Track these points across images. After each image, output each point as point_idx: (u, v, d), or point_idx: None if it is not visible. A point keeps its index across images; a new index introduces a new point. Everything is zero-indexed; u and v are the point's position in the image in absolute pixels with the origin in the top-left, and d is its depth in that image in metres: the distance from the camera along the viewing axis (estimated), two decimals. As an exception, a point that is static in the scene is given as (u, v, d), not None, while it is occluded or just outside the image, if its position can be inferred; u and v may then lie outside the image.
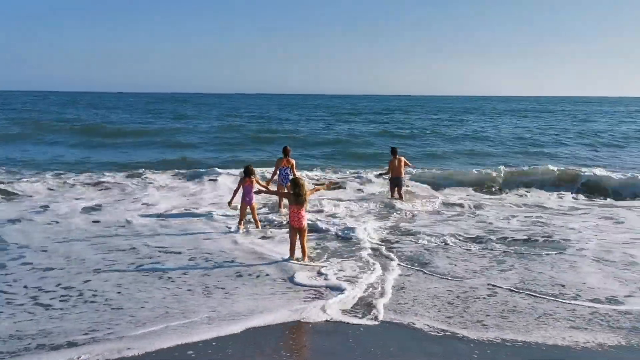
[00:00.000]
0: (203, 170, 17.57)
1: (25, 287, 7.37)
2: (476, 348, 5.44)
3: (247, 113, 62.99)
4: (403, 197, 13.77)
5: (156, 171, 17.64)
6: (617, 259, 8.69)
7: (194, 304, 6.59)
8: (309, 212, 11.06)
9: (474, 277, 7.71)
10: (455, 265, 8.22)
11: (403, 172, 14.07)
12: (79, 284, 7.47)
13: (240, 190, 10.85)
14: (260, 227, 10.76)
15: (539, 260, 8.64)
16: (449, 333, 5.75)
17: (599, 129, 42.11)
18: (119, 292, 7.05)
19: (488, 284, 7.36)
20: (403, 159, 14.13)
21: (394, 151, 14.18)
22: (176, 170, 17.70)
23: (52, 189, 14.72)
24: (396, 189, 13.91)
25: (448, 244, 9.45)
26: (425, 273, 7.81)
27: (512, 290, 7.16)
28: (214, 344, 5.47)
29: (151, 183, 15.76)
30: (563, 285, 7.38)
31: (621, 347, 5.49)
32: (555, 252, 9.08)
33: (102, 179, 16.00)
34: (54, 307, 6.57)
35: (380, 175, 15.76)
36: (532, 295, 6.97)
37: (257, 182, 11.04)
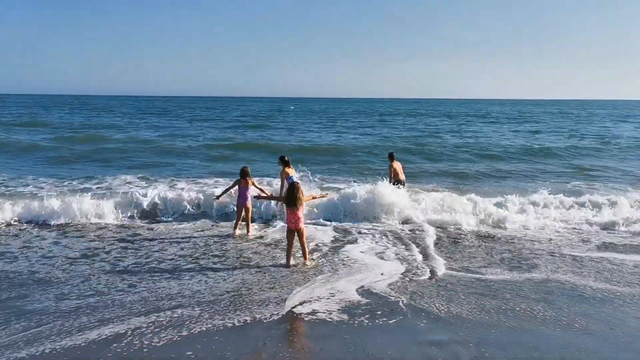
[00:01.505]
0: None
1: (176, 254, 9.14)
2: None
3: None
4: None
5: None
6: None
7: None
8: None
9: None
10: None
11: (403, 175, 14.32)
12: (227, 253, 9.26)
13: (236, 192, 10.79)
14: (252, 229, 10.70)
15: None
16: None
17: None
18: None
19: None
20: (400, 164, 14.44)
21: (391, 156, 14.42)
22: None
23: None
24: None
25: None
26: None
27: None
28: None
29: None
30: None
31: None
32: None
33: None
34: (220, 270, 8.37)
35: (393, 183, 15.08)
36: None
37: (254, 183, 10.82)
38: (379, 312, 6.69)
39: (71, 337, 5.81)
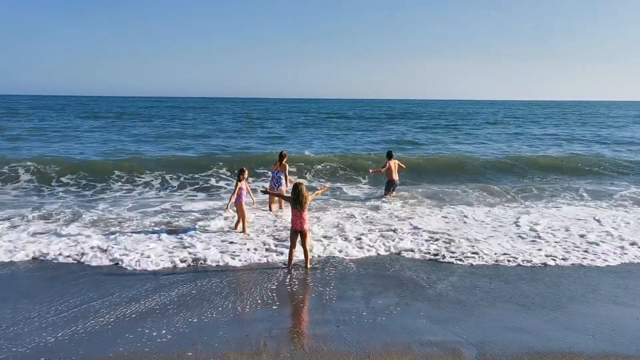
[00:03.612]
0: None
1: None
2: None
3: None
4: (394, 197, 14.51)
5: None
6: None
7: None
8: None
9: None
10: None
11: (397, 175, 14.69)
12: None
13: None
14: (247, 228, 10.60)
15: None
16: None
17: None
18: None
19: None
20: (397, 162, 14.73)
21: (389, 154, 14.73)
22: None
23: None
24: (391, 189, 14.58)
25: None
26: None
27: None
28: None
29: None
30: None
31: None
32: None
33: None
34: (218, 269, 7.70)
35: (375, 172, 15.39)
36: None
37: (247, 184, 10.80)
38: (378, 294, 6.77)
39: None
